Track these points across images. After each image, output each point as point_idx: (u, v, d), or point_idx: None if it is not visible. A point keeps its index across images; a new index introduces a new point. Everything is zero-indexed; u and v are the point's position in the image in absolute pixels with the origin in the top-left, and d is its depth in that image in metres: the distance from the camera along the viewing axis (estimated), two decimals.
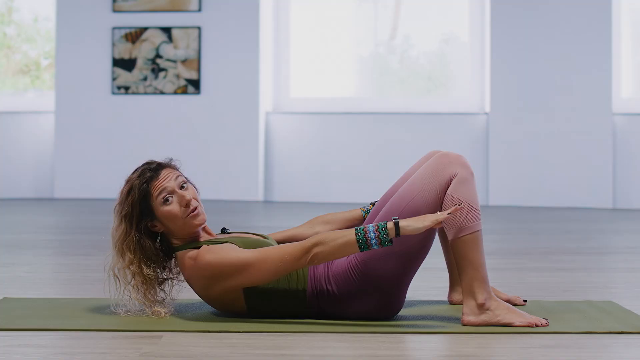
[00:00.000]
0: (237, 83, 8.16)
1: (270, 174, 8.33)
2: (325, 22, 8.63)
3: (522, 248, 5.27)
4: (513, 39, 7.92)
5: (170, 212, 2.89)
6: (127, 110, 8.23)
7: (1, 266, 4.37)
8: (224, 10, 8.15)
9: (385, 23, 8.62)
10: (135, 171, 2.97)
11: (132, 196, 2.89)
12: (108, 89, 8.24)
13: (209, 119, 8.19)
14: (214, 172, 8.18)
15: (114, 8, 8.18)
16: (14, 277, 3.98)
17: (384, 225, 2.68)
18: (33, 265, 4.35)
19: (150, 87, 8.18)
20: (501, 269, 4.31)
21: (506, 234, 5.98)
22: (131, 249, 2.89)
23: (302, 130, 8.32)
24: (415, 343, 2.60)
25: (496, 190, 8.00)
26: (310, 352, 2.47)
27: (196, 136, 8.20)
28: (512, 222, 6.65)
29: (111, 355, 2.45)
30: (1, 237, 5.60)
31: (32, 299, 3.28)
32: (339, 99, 8.51)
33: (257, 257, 2.77)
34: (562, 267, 4.32)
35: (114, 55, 8.20)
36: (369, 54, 8.61)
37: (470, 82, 8.33)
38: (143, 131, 8.22)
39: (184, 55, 8.15)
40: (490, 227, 6.39)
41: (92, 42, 8.23)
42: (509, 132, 7.97)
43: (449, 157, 2.89)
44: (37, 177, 8.43)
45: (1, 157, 8.44)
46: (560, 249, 5.07)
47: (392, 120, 8.23)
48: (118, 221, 2.92)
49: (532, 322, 2.77)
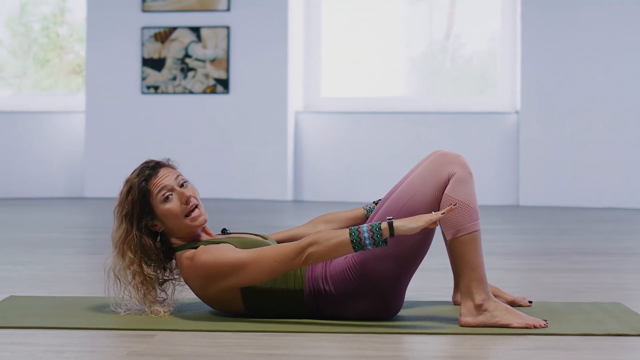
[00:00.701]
0: (265, 82, 8.17)
1: (300, 173, 8.32)
2: (356, 22, 8.60)
3: (545, 248, 5.21)
4: (544, 37, 7.84)
5: (171, 210, 2.89)
6: (156, 109, 8.27)
7: (18, 264, 4.41)
8: (252, 10, 8.16)
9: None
10: (133, 171, 2.97)
11: (132, 195, 2.90)
12: (137, 89, 8.29)
13: (238, 119, 8.20)
14: (242, 171, 8.19)
15: (144, 8, 8.22)
16: (28, 275, 4.01)
17: (378, 226, 2.66)
18: (50, 264, 4.38)
19: (180, 87, 8.21)
20: (518, 269, 4.27)
21: (533, 234, 5.92)
22: (132, 248, 2.89)
23: (333, 129, 8.31)
24: (407, 344, 2.57)
25: (527, 190, 7.92)
26: (301, 352, 2.45)
27: (225, 136, 8.22)
28: (541, 223, 6.58)
29: (99, 353, 2.45)
30: (28, 236, 5.66)
31: (37, 297, 3.30)
32: (370, 99, 8.48)
33: (253, 257, 2.76)
34: (581, 268, 4.26)
35: (143, 55, 8.25)
36: (405, 53, 8.57)
37: (501, 81, 8.25)
38: (172, 131, 8.26)
39: (212, 55, 8.17)
40: (519, 228, 6.34)
41: (121, 42, 8.28)
42: (539, 131, 7.89)
43: (447, 156, 2.86)
44: (68, 177, 8.50)
45: (35, 156, 8.53)
46: (584, 250, 5.01)
47: (424, 120, 8.18)
48: (118, 222, 2.93)
49: (531, 324, 2.73)
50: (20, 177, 8.51)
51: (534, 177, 7.91)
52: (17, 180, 8.51)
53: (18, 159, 8.54)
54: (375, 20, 8.58)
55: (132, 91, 8.29)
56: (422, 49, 8.60)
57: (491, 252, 4.81)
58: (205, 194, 8.16)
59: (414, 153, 8.08)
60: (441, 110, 8.24)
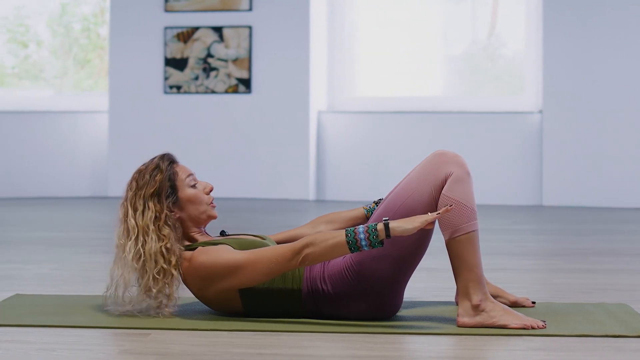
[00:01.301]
0: (287, 82, 8.17)
1: (323, 173, 8.32)
2: (382, 21, 8.58)
3: (562, 249, 5.17)
4: (567, 36, 7.78)
5: (197, 196, 2.92)
6: (179, 109, 8.30)
7: (31, 263, 4.44)
8: (274, 10, 8.17)
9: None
10: (149, 161, 2.95)
11: (161, 173, 2.89)
12: (160, 89, 8.32)
13: (260, 118, 8.21)
14: (264, 171, 8.20)
15: (166, 8, 8.26)
16: (39, 273, 4.03)
17: (374, 227, 2.64)
18: (63, 262, 4.41)
19: (202, 87, 8.24)
20: (532, 269, 4.24)
21: (553, 235, 5.88)
22: (169, 224, 2.85)
23: (356, 129, 8.29)
24: (399, 344, 2.55)
25: (550, 190, 7.86)
26: (290, 352, 2.44)
27: (247, 135, 8.23)
28: (563, 223, 6.52)
29: (90, 351, 2.46)
30: (49, 234, 5.70)
31: (42, 296, 3.32)
32: (396, 98, 8.46)
33: (250, 258, 2.76)
34: (596, 268, 4.22)
35: (166, 55, 8.28)
36: (434, 52, 8.54)
37: (524, 80, 8.20)
38: (194, 130, 8.28)
39: (234, 55, 8.18)
40: (540, 228, 6.29)
41: (144, 42, 8.32)
42: (563, 131, 7.83)
43: (445, 156, 2.83)
44: (93, 176, 8.56)
45: (61, 156, 8.59)
46: (602, 251, 4.96)
47: (447, 120, 8.15)
48: (143, 204, 2.87)
49: (528, 324, 2.70)
50: (48, 177, 8.58)
51: (558, 177, 7.84)
52: (44, 180, 8.58)
53: (49, 158, 8.60)
54: (402, 18, 8.55)
55: (155, 91, 8.32)
56: (459, 47, 8.56)
57: (508, 253, 4.78)
58: (227, 194, 8.27)
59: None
60: (464, 110, 8.19)
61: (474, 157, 8.05)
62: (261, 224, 6.19)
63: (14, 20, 9.04)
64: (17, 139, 8.59)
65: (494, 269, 4.14)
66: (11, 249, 5.16)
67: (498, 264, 4.34)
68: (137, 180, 2.91)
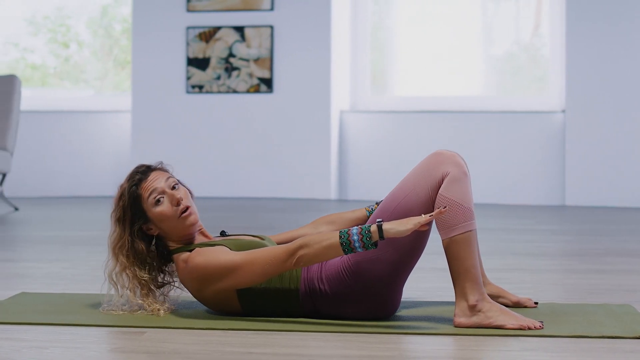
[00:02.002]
0: (309, 82, 8.17)
1: (345, 172, 8.31)
2: (402, 20, 8.56)
3: (579, 249, 5.12)
4: (590, 34, 7.71)
5: (162, 213, 2.90)
6: (201, 109, 8.33)
7: (45, 262, 4.48)
8: (296, 9, 8.17)
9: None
10: (121, 182, 2.98)
11: (123, 200, 2.92)
12: (182, 88, 8.35)
13: (281, 118, 8.21)
14: (286, 170, 8.20)
15: (189, 8, 8.28)
16: (50, 272, 4.06)
17: (368, 229, 2.63)
18: (76, 261, 4.43)
19: (224, 86, 8.25)
20: (544, 270, 4.20)
21: (572, 235, 5.83)
22: (124, 252, 2.92)
23: (379, 129, 8.27)
24: (394, 344, 2.53)
25: (573, 190, 7.80)
26: (282, 351, 2.44)
27: (268, 134, 8.24)
28: (585, 223, 6.47)
29: (82, 349, 2.47)
30: (67, 233, 5.74)
31: (46, 294, 3.33)
32: (420, 98, 8.43)
33: (245, 259, 2.76)
34: (610, 269, 4.18)
35: (188, 55, 8.30)
36: (464, 52, 8.51)
37: (547, 79, 8.14)
38: (216, 130, 8.31)
39: (256, 54, 8.19)
40: (560, 228, 6.24)
41: (167, 41, 8.36)
42: (585, 130, 7.76)
43: (442, 155, 2.81)
44: (116, 176, 8.60)
45: (84, 155, 8.65)
46: (619, 251, 4.91)
47: (470, 119, 8.12)
48: (113, 227, 2.96)
49: (525, 325, 2.68)
50: (73, 176, 8.65)
51: (580, 177, 7.77)
52: (69, 179, 8.65)
53: (75, 158, 8.67)
54: (427, 17, 8.53)
55: (177, 90, 8.35)
56: (496, 47, 8.53)
57: (525, 253, 4.75)
58: (248, 193, 8.28)
59: (459, 151, 8.01)
60: (486, 110, 8.15)
61: (497, 156, 8.01)
62: (284, 223, 6.19)
63: (55, 20, 9.13)
64: (53, 138, 8.69)
65: (507, 269, 4.11)
66: (29, 248, 5.21)
67: (513, 264, 4.31)
68: (114, 199, 2.97)
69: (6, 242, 5.41)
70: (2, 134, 7.16)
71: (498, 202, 7.96)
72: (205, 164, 8.30)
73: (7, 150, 7.14)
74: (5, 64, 9.14)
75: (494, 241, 5.31)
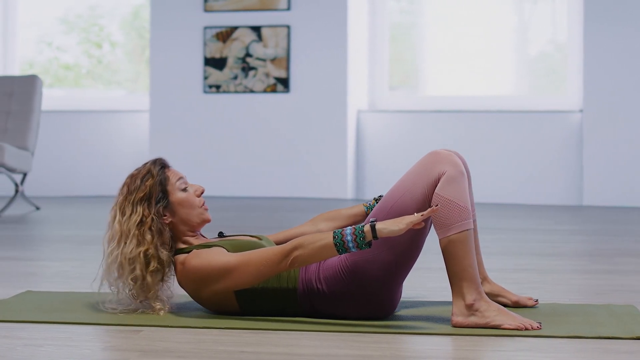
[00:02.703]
0: (325, 81, 8.17)
1: (362, 172, 8.30)
2: (420, 20, 8.54)
3: (593, 249, 5.10)
4: (608, 34, 7.66)
5: (187, 199, 2.93)
6: (218, 108, 8.35)
7: (56, 260, 4.51)
8: (312, 9, 8.17)
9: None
10: (142, 166, 2.97)
11: (151, 179, 2.91)
12: (200, 88, 8.38)
13: (298, 117, 8.22)
14: (302, 170, 8.21)
15: (206, 8, 8.30)
16: (60, 271, 4.08)
17: (361, 229, 2.62)
18: (87, 260, 4.45)
19: (241, 86, 8.27)
20: (554, 270, 4.17)
21: (588, 235, 5.79)
22: (151, 230, 2.87)
23: (396, 128, 8.26)
24: (387, 344, 2.52)
25: (590, 190, 7.75)
26: (274, 350, 2.44)
27: (285, 134, 8.24)
28: (602, 223, 6.42)
29: (76, 347, 2.48)
30: (84, 232, 5.77)
31: (51, 293, 3.35)
32: (437, 98, 8.42)
33: (241, 260, 2.76)
34: (619, 269, 4.15)
35: (205, 55, 8.33)
36: (482, 51, 8.48)
37: (564, 79, 8.10)
38: (233, 129, 8.32)
39: (273, 54, 8.20)
40: (575, 228, 6.20)
41: (184, 41, 8.38)
42: (603, 129, 7.71)
43: (438, 155, 2.80)
44: None
45: (103, 155, 8.69)
46: (631, 252, 4.88)
47: (488, 119, 8.08)
48: (131, 209, 2.90)
49: (523, 325, 2.66)
50: (93, 175, 8.70)
51: (598, 177, 7.72)
52: (88, 179, 8.70)
53: (91, 157, 8.72)
54: (446, 16, 8.51)
55: (195, 90, 8.38)
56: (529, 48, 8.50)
57: (538, 253, 4.73)
58: (264, 193, 8.30)
59: (477, 151, 7.99)
60: (504, 109, 8.11)
61: (514, 156, 7.97)
62: (299, 224, 6.17)
63: (88, 19, 9.19)
64: (73, 138, 8.76)
65: (517, 270, 4.10)
66: (44, 247, 5.25)
67: (523, 264, 4.30)
68: (128, 185, 2.94)
69: (23, 240, 5.45)
70: (23, 134, 7.22)
71: (515, 202, 7.92)
72: (222, 164, 8.31)
73: (28, 150, 7.20)
74: (40, 65, 9.22)
75: (510, 241, 5.30)
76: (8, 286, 3.57)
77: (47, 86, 8.96)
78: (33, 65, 9.21)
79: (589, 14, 7.70)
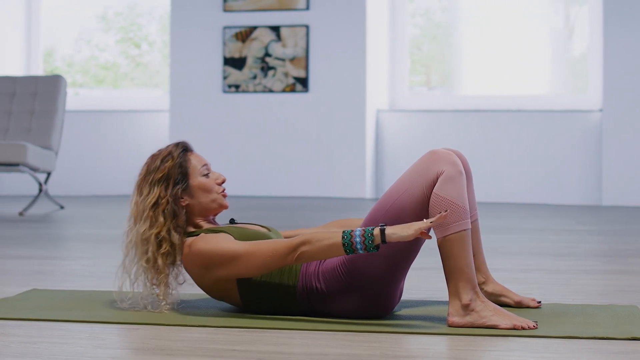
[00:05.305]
0: (344, 81, 8.17)
1: (382, 171, 8.29)
2: (437, 20, 8.52)
3: (609, 250, 5.06)
4: (628, 33, 7.60)
5: (207, 184, 2.94)
6: (237, 108, 8.37)
7: (68, 259, 4.55)
8: (331, 9, 8.17)
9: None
10: (163, 148, 2.98)
11: (172, 160, 2.92)
12: (219, 88, 8.41)
13: (317, 117, 8.22)
14: (321, 169, 8.21)
15: (225, 8, 8.33)
16: (70, 270, 4.11)
17: (371, 231, 2.62)
18: (99, 259, 4.48)
19: (260, 86, 8.29)
20: (563, 270, 4.14)
21: (604, 235, 5.76)
22: (164, 212, 2.88)
23: (415, 128, 8.24)
24: (379, 343, 2.52)
25: (609, 190, 7.69)
26: (264, 349, 2.44)
27: (304, 133, 8.25)
28: (621, 224, 6.38)
29: (69, 345, 2.49)
30: (103, 231, 5.82)
31: (56, 291, 3.37)
32: (457, 97, 8.40)
33: (248, 249, 2.77)
34: (630, 270, 4.13)
35: (224, 54, 8.35)
36: (504, 51, 8.44)
37: (584, 78, 8.05)
38: (252, 129, 8.34)
39: (292, 54, 8.21)
40: (592, 229, 6.16)
41: (204, 41, 8.41)
42: (623, 129, 7.66)
43: (437, 154, 2.79)
44: None
45: (123, 153, 8.75)
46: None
47: (507, 119, 8.05)
48: (148, 188, 2.91)
49: (519, 325, 2.65)
50: (115, 174, 8.75)
51: (617, 177, 7.67)
52: (112, 178, 8.76)
53: (110, 156, 8.78)
54: (458, 17, 8.48)
55: (214, 90, 8.41)
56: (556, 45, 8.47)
57: (552, 253, 4.71)
58: (283, 192, 8.29)
59: (495, 150, 7.95)
60: (523, 109, 8.08)
61: (534, 155, 7.93)
62: (317, 223, 6.19)
63: (127, 18, 9.25)
64: (97, 137, 8.84)
65: (526, 270, 4.08)
66: (58, 246, 5.29)
67: (535, 264, 4.28)
68: (148, 165, 2.96)
69: (40, 239, 5.49)
70: (47, 133, 7.28)
71: (533, 202, 7.88)
72: (240, 163, 8.34)
73: (51, 149, 7.26)
74: (79, 65, 9.29)
75: (527, 241, 5.28)
76: (15, 284, 3.60)
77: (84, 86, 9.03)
78: (72, 65, 9.28)
79: (608, 15, 7.64)
